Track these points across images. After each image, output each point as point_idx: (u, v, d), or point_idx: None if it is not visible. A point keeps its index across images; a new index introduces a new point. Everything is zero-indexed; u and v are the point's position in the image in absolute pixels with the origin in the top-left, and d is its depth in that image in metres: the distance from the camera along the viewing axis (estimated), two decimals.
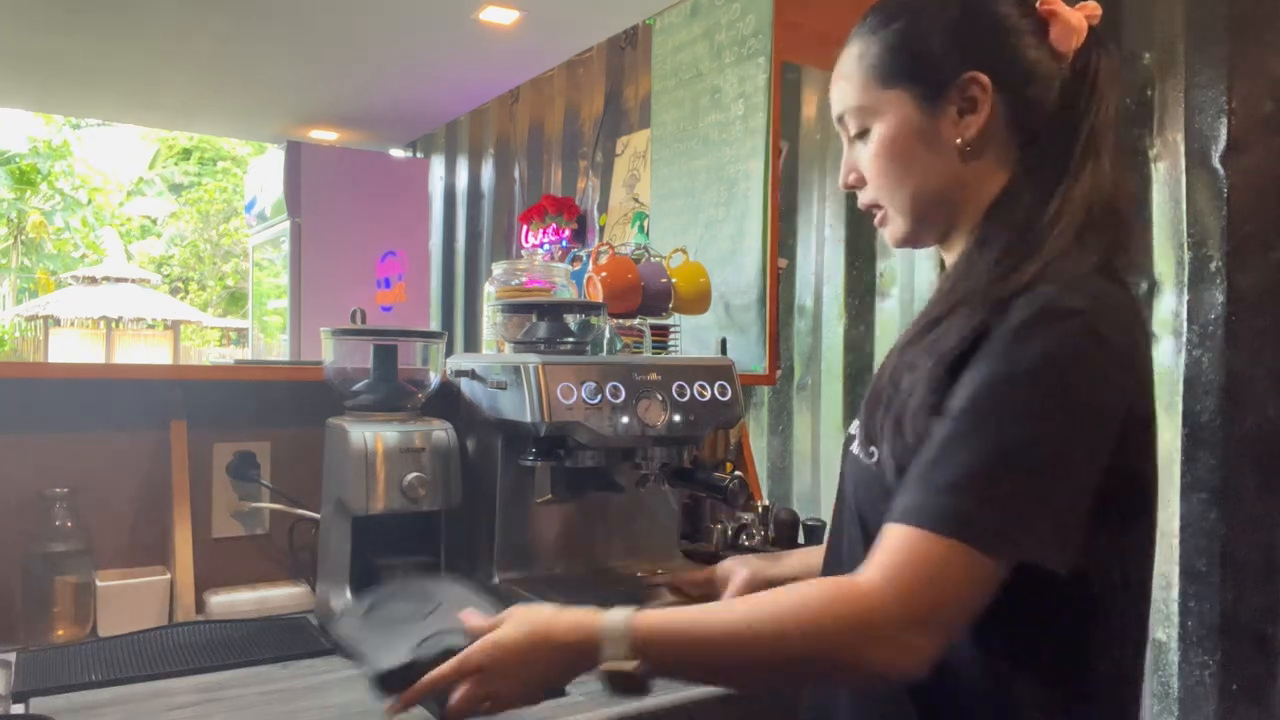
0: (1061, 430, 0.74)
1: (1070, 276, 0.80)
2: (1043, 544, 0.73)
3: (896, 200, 0.92)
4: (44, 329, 11.16)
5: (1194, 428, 1.94)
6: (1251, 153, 1.89)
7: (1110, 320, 0.77)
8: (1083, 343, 0.75)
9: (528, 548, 1.36)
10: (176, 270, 15.00)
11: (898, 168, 0.90)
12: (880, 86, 0.90)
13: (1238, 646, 1.88)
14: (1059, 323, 0.75)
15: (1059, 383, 0.74)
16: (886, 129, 0.89)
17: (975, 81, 0.85)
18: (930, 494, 0.74)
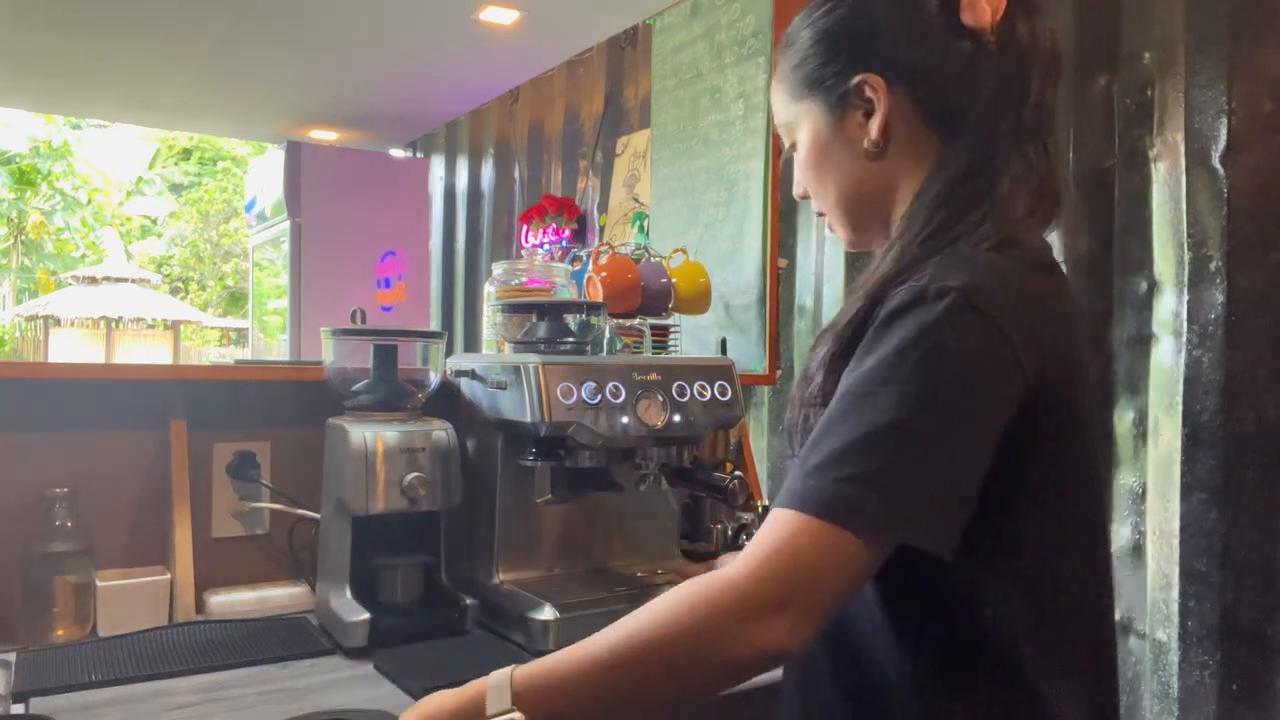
0: (934, 409, 0.71)
1: (954, 254, 0.78)
2: (914, 525, 0.70)
3: (828, 206, 0.94)
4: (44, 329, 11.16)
5: (1194, 428, 1.94)
6: (1251, 153, 1.89)
7: (992, 294, 0.74)
8: (956, 319, 0.72)
9: (528, 548, 1.36)
10: (176, 270, 15.00)
11: (819, 175, 0.93)
12: (793, 101, 0.93)
13: (1238, 646, 1.88)
14: (933, 302, 0.73)
15: (929, 361, 0.72)
16: (803, 140, 0.93)
17: (866, 84, 0.86)
18: (801, 476, 0.72)
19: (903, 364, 0.72)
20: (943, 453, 0.72)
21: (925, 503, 0.71)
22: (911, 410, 0.71)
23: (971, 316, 0.73)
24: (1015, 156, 0.83)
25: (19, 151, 13.08)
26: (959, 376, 0.72)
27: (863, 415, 0.72)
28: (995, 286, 0.75)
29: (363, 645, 1.17)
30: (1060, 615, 0.80)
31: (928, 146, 0.86)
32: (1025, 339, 0.74)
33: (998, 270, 0.78)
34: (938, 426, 0.71)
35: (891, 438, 0.71)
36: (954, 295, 0.73)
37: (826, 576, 0.70)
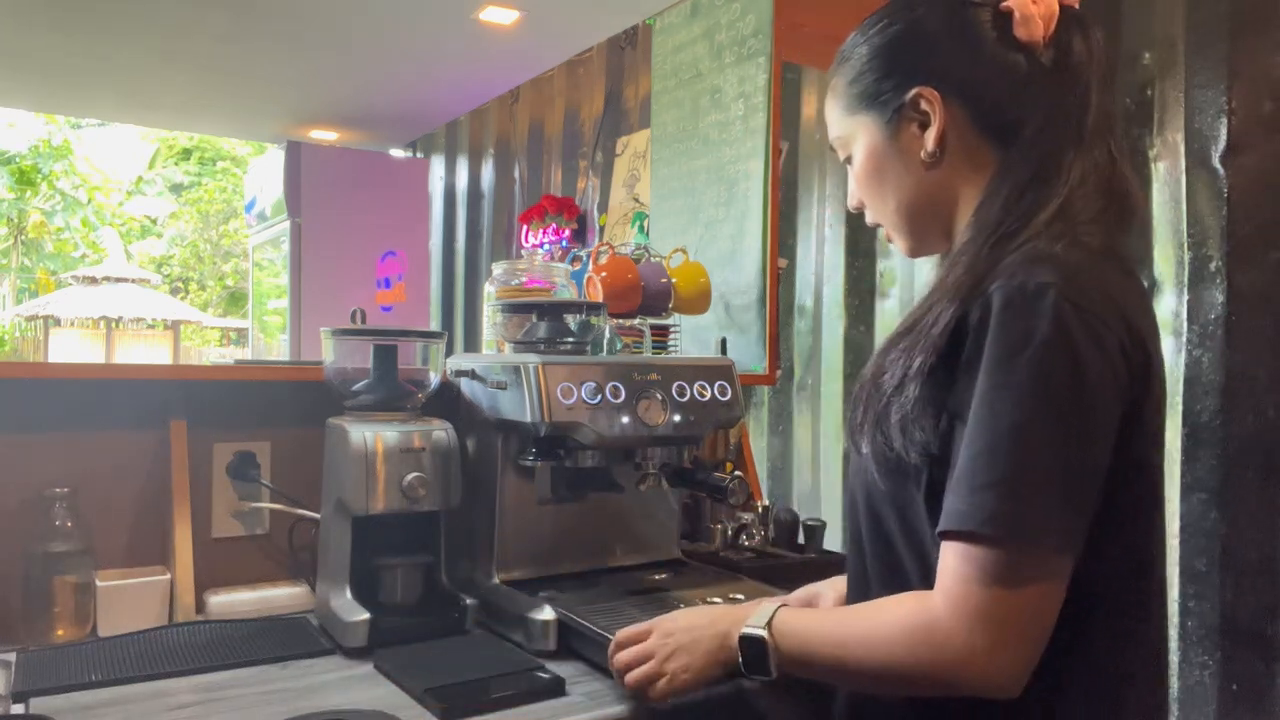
0: (1058, 406, 0.73)
1: (1033, 252, 0.80)
2: (1049, 528, 0.73)
3: (887, 217, 0.96)
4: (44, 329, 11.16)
5: (1194, 428, 1.94)
6: (1251, 153, 1.89)
7: (1085, 289, 0.76)
8: (1063, 316, 0.74)
9: (528, 548, 1.36)
10: (176, 270, 15.00)
11: (877, 187, 0.95)
12: (849, 116, 0.96)
13: (1238, 646, 1.88)
14: (1034, 300, 0.75)
15: (1045, 359, 0.73)
16: (860, 154, 0.95)
17: (921, 96, 0.88)
18: (969, 495, 0.74)
19: (1014, 369, 0.74)
20: (1072, 453, 0.74)
21: (1056, 505, 0.73)
22: (1034, 414, 0.73)
23: (1071, 309, 0.74)
24: (1079, 162, 0.85)
25: (19, 151, 13.07)
26: (1070, 374, 0.74)
27: (987, 426, 0.74)
28: (1085, 281, 0.77)
29: (363, 645, 1.17)
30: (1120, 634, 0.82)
31: (984, 156, 0.88)
32: (1130, 347, 0.77)
33: (1082, 266, 0.79)
34: (1064, 428, 0.73)
35: (1020, 444, 0.73)
36: (1053, 293, 0.75)
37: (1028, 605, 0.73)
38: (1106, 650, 0.80)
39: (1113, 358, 0.76)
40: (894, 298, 2.66)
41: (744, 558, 1.57)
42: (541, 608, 1.19)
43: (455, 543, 1.34)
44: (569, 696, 1.04)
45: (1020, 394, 0.73)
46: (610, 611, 1.19)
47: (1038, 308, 0.74)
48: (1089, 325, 0.75)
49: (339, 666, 1.15)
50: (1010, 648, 0.73)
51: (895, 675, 0.79)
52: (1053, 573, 0.73)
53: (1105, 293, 0.78)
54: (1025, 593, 0.73)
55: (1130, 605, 0.82)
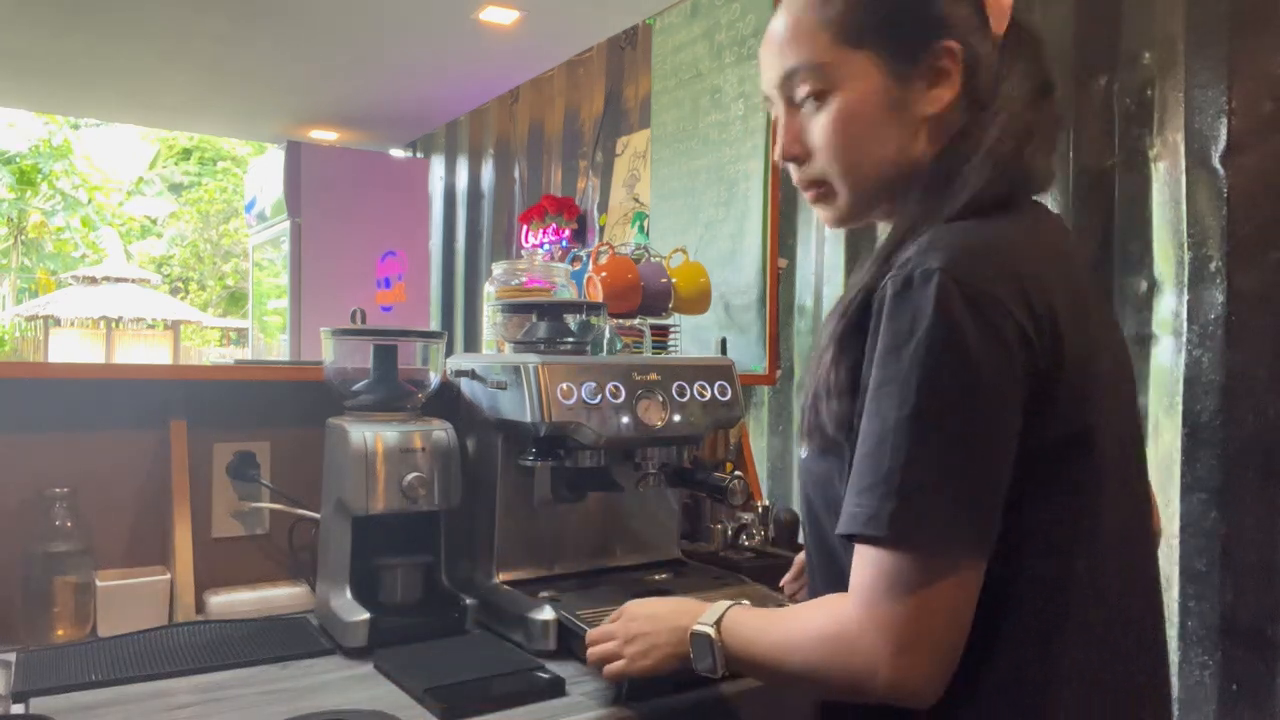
0: (943, 398, 0.69)
1: (939, 230, 0.75)
2: (945, 526, 0.69)
3: (850, 177, 0.84)
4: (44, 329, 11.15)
5: (1194, 428, 1.94)
6: (1251, 153, 1.89)
7: (980, 268, 0.71)
8: (946, 303, 0.69)
9: (527, 548, 1.36)
10: (176, 270, 15.00)
11: (859, 142, 0.82)
12: (845, 44, 0.81)
13: (1238, 646, 1.88)
14: (920, 287, 0.70)
15: (929, 350, 0.69)
16: (852, 96, 0.81)
17: (949, 51, 0.80)
18: (859, 495, 0.71)
19: (898, 360, 0.70)
20: (966, 447, 0.69)
21: (949, 502, 0.69)
22: (918, 408, 0.68)
23: (957, 294, 0.69)
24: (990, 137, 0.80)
25: (19, 151, 13.07)
26: (957, 364, 0.69)
27: (872, 424, 0.71)
28: (988, 264, 0.72)
29: (363, 645, 1.17)
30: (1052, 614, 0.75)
31: (952, 122, 0.81)
32: (1021, 312, 0.71)
33: (995, 244, 0.74)
34: (955, 421, 0.69)
35: (905, 440, 0.69)
36: (937, 276, 0.70)
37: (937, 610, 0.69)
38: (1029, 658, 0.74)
39: (1007, 340, 0.70)
40: None
41: (744, 558, 1.57)
42: (541, 608, 1.19)
43: (455, 543, 1.34)
44: (569, 696, 1.04)
45: (903, 388, 0.69)
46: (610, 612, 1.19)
47: (923, 295, 0.70)
48: (977, 308, 0.69)
49: (339, 666, 1.15)
50: (916, 652, 0.68)
51: (818, 679, 0.76)
52: (952, 573, 0.69)
53: (1006, 270, 0.72)
54: (924, 595, 0.68)
55: (1055, 606, 0.74)
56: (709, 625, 0.85)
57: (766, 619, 0.83)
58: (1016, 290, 0.71)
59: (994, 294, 0.70)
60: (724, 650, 0.84)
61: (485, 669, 1.10)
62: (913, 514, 0.68)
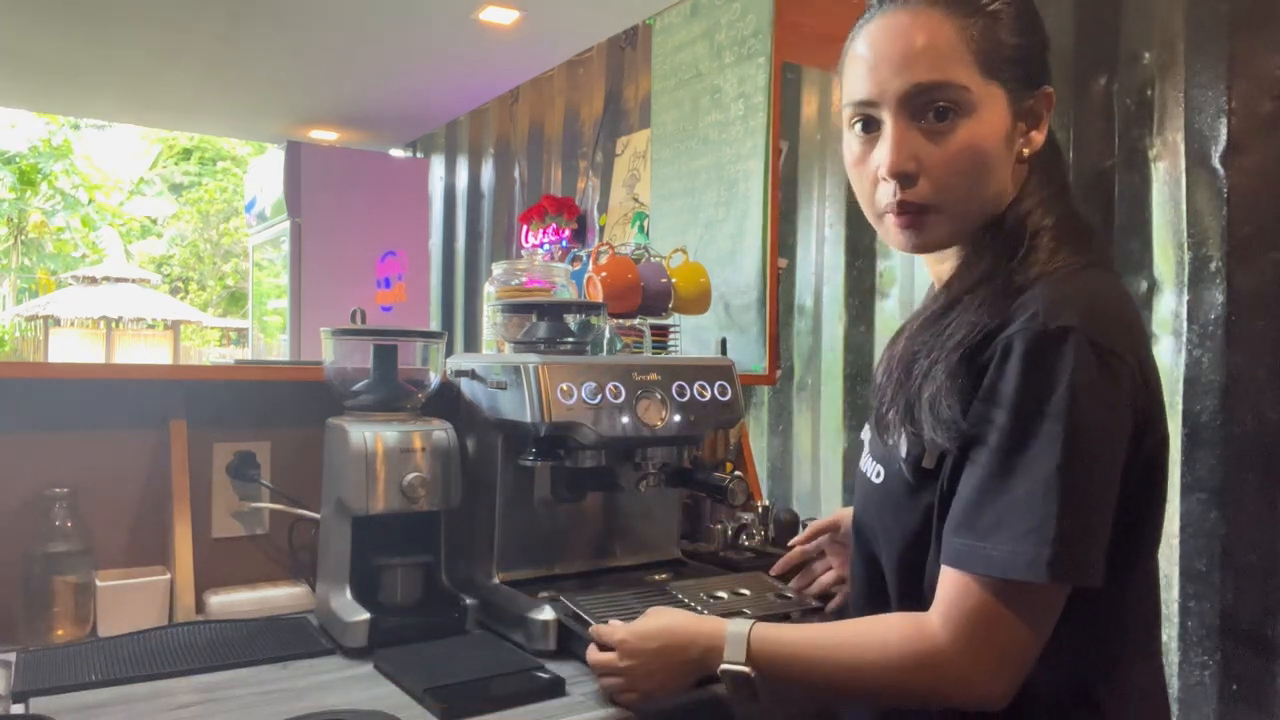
0: (1084, 455, 0.75)
1: (1062, 276, 0.81)
2: (1085, 569, 0.75)
3: (961, 205, 0.84)
4: (44, 329, 11.16)
5: (1194, 428, 1.94)
6: (1251, 153, 1.89)
7: (1105, 325, 0.78)
8: (1084, 361, 0.76)
9: (528, 548, 1.36)
10: (176, 270, 15.00)
11: (980, 172, 0.83)
12: (983, 73, 0.82)
13: (1238, 646, 1.88)
14: (1055, 344, 0.76)
15: (1071, 408, 0.75)
16: (982, 127, 0.82)
17: (1047, 96, 0.86)
18: (978, 537, 0.77)
19: (1041, 415, 0.75)
20: (1097, 494, 0.76)
21: (1090, 545, 0.76)
22: (1065, 460, 0.74)
23: (1093, 353, 0.76)
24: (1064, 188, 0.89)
25: (19, 151, 13.07)
26: (1099, 418, 0.76)
27: (1019, 472, 0.76)
28: (1107, 318, 0.79)
29: (363, 645, 1.17)
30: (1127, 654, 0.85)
31: (1019, 171, 0.88)
32: (1136, 370, 0.79)
33: (1102, 296, 0.81)
34: (1090, 471, 0.75)
35: (1055, 490, 0.74)
36: (1074, 335, 0.76)
37: (1029, 634, 0.76)
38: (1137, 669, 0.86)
39: (1128, 391, 0.78)
40: (894, 298, 2.66)
41: (744, 558, 1.57)
42: (541, 608, 1.19)
43: (455, 543, 1.34)
44: (569, 696, 1.04)
45: (1051, 442, 0.75)
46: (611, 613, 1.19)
47: (1061, 352, 0.76)
48: (1107, 365, 0.76)
49: (339, 666, 1.15)
50: (1008, 671, 0.76)
51: (889, 696, 0.82)
52: (1055, 605, 0.77)
53: (1120, 320, 0.80)
54: (1027, 624, 0.76)
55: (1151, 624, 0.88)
56: (739, 664, 0.86)
57: (807, 639, 0.85)
58: (1129, 340, 0.79)
59: (1118, 348, 0.77)
60: (764, 682, 0.86)
61: (485, 669, 1.10)
62: (1067, 561, 0.74)
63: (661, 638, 0.95)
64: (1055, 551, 0.74)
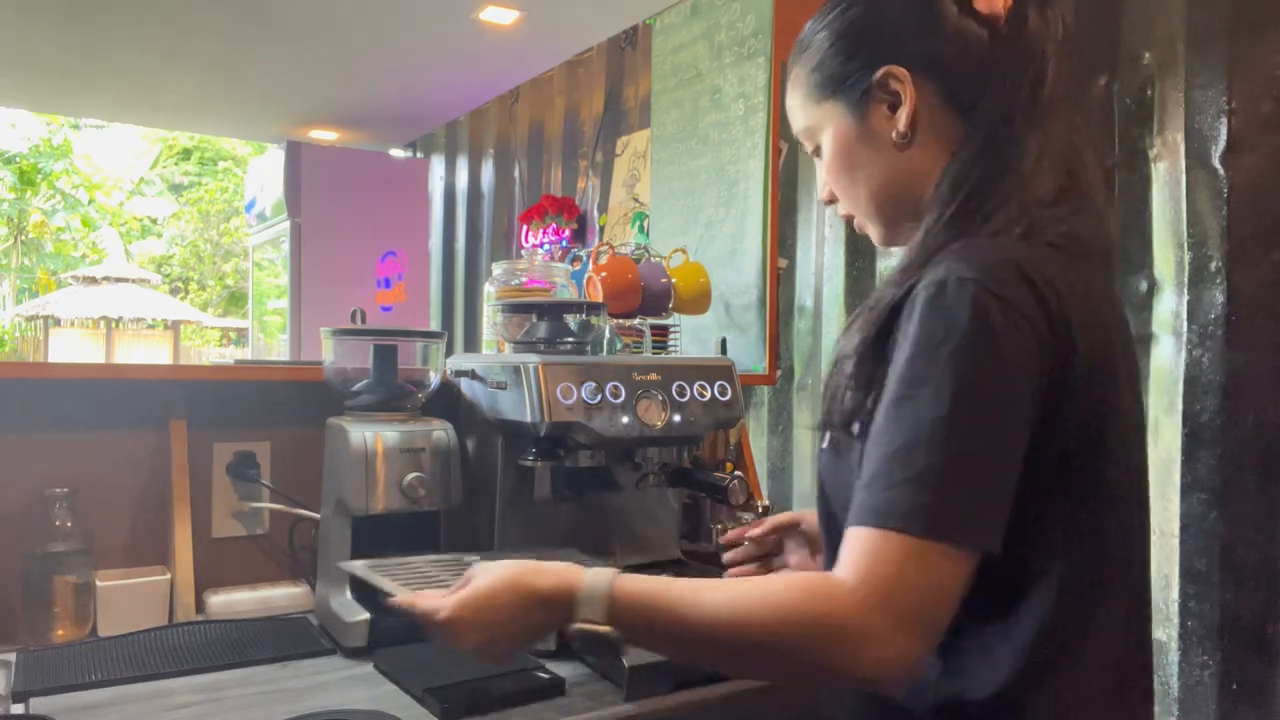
0: (971, 404, 0.72)
1: (971, 244, 0.79)
2: (974, 526, 0.71)
3: (860, 206, 0.94)
4: (44, 329, 11.15)
5: (1194, 428, 1.94)
6: (1251, 153, 1.89)
7: (1010, 283, 0.75)
8: (983, 310, 0.73)
9: (528, 548, 1.36)
10: (176, 270, 15.00)
11: (848, 175, 0.92)
12: (814, 105, 0.93)
13: (1238, 646, 1.88)
14: (955, 294, 0.74)
15: (959, 356, 0.72)
16: (830, 141, 0.92)
17: (891, 75, 0.86)
18: (886, 490, 0.72)
19: (934, 362, 0.73)
20: (990, 450, 0.72)
21: (979, 503, 0.72)
22: (956, 408, 0.71)
23: (994, 303, 0.73)
24: (1033, 138, 0.83)
25: (19, 151, 13.08)
26: (990, 367, 0.73)
27: (905, 419, 0.73)
28: (1013, 274, 0.75)
29: (363, 645, 1.17)
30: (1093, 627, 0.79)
31: (952, 133, 0.86)
32: (1047, 327, 0.75)
33: (1016, 257, 0.77)
34: (983, 424, 0.72)
35: (940, 439, 0.71)
36: (973, 285, 0.74)
37: (930, 595, 0.71)
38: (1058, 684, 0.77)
39: (1030, 346, 0.74)
40: None
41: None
42: None
43: (455, 543, 1.34)
44: (569, 696, 1.04)
45: (939, 390, 0.72)
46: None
47: (959, 301, 0.74)
48: (1011, 319, 0.73)
49: (339, 666, 1.15)
50: (915, 636, 0.70)
51: (774, 660, 0.74)
52: (963, 565, 0.71)
53: (1034, 286, 0.76)
54: (936, 584, 0.70)
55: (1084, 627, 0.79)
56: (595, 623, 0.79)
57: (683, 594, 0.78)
58: (1037, 297, 0.75)
59: (1022, 305, 0.74)
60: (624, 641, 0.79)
61: (485, 669, 1.10)
62: (947, 511, 0.70)
63: (500, 598, 0.82)
64: (933, 502, 0.70)
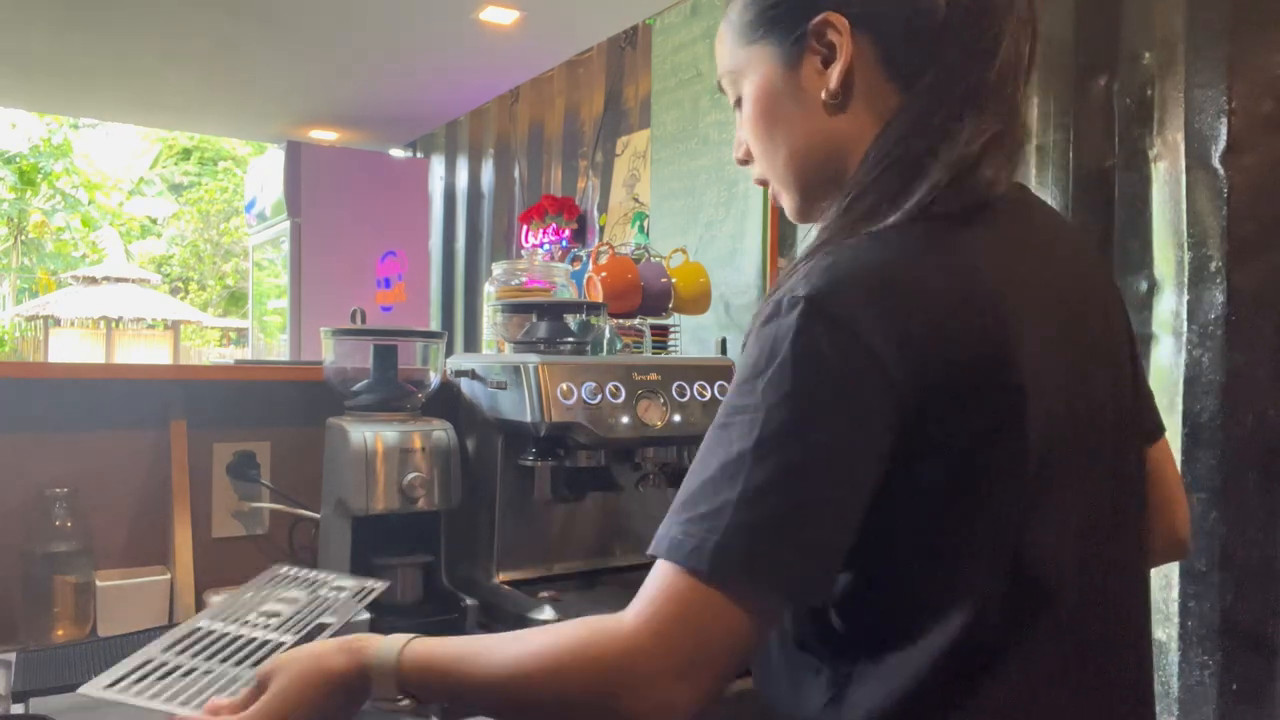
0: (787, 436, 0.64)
1: (837, 249, 0.69)
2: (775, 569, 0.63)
3: (776, 169, 0.82)
4: (44, 329, 11.16)
5: (1194, 428, 1.94)
6: (1251, 153, 1.89)
7: (851, 297, 0.65)
8: (804, 331, 0.64)
9: (528, 548, 1.36)
10: (176, 270, 15.00)
11: (767, 131, 0.80)
12: (741, 46, 0.81)
13: (1238, 646, 1.88)
14: (785, 315, 0.65)
15: (775, 382, 0.64)
16: (752, 90, 0.80)
17: (829, 24, 0.74)
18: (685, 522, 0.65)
19: (753, 390, 0.65)
20: (795, 486, 0.63)
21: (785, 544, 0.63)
22: (763, 441, 0.64)
23: (821, 325, 0.64)
24: (972, 115, 0.72)
25: (19, 151, 13.08)
26: (808, 397, 0.64)
27: (716, 450, 0.66)
28: (867, 286, 0.66)
29: None
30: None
31: (886, 103, 0.75)
32: (899, 342, 0.65)
33: (889, 260, 0.68)
34: (786, 456, 0.63)
35: (744, 472, 0.63)
36: (802, 305, 0.65)
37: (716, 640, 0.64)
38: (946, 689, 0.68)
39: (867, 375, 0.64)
40: None
41: None
42: (541, 608, 1.19)
43: (455, 543, 1.34)
44: None
45: (752, 420, 0.64)
46: (609, 611, 1.19)
47: (784, 324, 0.65)
48: (837, 339, 0.64)
49: None
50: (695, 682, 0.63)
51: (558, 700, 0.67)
52: (754, 616, 0.64)
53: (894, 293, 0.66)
54: (719, 630, 0.63)
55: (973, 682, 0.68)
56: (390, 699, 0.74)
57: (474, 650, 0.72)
58: (891, 309, 0.66)
59: (860, 328, 0.64)
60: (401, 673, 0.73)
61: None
62: (735, 555, 0.63)
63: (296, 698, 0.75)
64: (724, 542, 0.62)
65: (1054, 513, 0.71)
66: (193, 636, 0.94)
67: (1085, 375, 0.76)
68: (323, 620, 0.97)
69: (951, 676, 0.67)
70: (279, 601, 1.02)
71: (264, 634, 0.94)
